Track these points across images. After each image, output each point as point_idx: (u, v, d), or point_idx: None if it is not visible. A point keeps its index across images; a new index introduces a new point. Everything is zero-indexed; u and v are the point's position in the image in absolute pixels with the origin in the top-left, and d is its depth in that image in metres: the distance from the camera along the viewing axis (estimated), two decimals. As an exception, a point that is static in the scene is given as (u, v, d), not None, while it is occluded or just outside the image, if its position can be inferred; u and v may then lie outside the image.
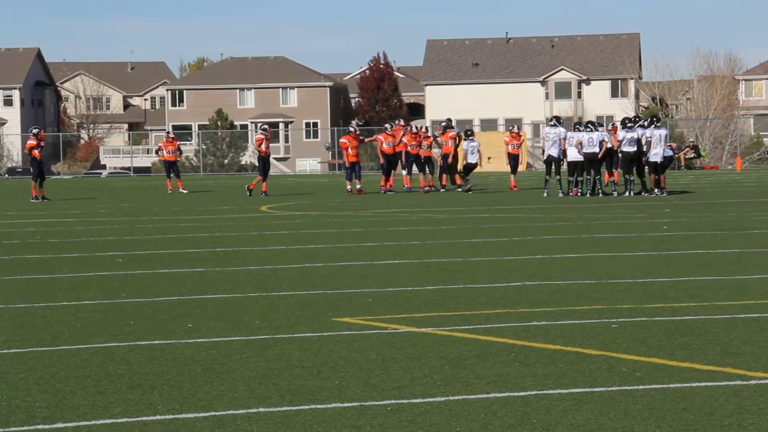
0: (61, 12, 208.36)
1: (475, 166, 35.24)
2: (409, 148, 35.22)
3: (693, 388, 7.14)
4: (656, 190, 30.13)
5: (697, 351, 8.30)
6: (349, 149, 34.35)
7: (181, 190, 38.84)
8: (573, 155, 30.91)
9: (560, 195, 30.87)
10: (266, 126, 36.11)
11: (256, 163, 36.83)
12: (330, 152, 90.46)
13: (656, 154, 30.05)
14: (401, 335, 9.23)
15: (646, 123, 30.94)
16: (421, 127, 39.97)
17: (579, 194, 30.56)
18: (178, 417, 6.64)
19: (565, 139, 31.33)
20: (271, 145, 36.16)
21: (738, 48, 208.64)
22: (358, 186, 34.45)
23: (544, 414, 6.55)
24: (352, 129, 35.50)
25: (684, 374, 7.53)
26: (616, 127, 32.41)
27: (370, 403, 6.91)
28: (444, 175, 35.77)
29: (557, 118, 33.03)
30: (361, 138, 35.97)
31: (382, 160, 35.57)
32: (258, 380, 7.58)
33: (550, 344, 8.64)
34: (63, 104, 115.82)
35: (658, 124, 30.81)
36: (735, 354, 8.18)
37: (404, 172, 36.25)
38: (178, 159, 40.43)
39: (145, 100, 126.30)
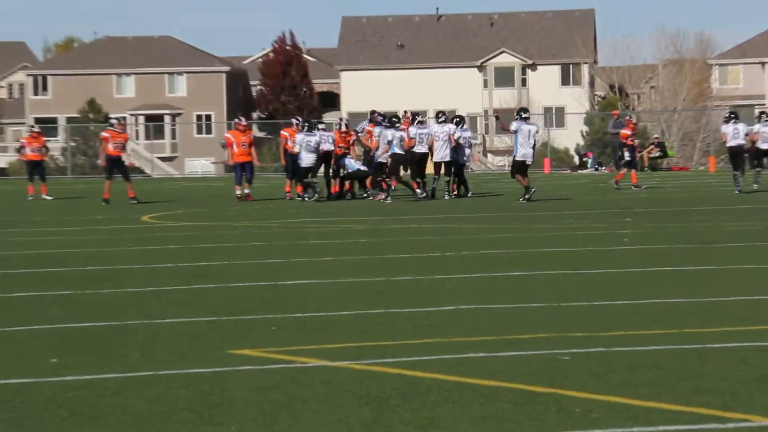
0: None
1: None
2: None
3: (659, 432, 7.19)
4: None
5: (665, 388, 8.36)
6: (235, 146, 34.60)
7: (44, 195, 38.57)
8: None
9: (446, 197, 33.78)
10: (115, 120, 35.68)
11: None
12: (226, 151, 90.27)
13: (525, 155, 31.62)
14: (311, 370, 9.21)
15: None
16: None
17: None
18: (39, 473, 6.56)
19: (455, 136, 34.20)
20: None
21: (710, 27, 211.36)
22: (247, 191, 34.56)
23: (482, 465, 6.55)
24: (237, 122, 35.88)
25: (649, 416, 7.58)
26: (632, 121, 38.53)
27: (273, 453, 6.88)
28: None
29: (444, 113, 35.58)
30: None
31: (284, 162, 35.66)
32: (137, 427, 7.52)
33: (490, 380, 8.66)
34: None
35: (525, 116, 31.89)
36: (709, 391, 8.25)
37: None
38: (44, 158, 40.21)
39: (2, 87, 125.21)
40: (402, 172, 33.75)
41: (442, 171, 34.21)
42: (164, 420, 7.69)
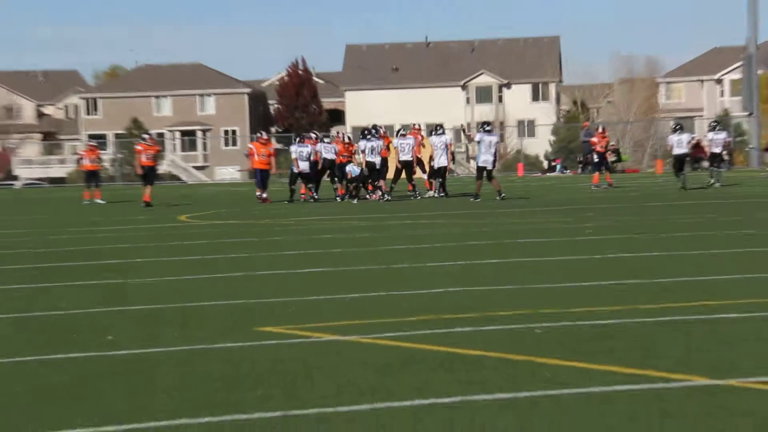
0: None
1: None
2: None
3: (616, 391, 7.25)
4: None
5: (620, 355, 8.42)
6: (255, 156, 35.47)
7: (98, 200, 38.67)
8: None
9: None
10: (147, 135, 36.71)
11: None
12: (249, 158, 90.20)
13: (485, 161, 31.78)
14: (325, 344, 9.26)
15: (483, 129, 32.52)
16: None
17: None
18: (98, 430, 6.61)
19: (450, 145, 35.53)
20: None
21: (658, 51, 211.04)
22: (264, 195, 35.27)
23: (468, 420, 6.61)
24: (259, 136, 36.63)
25: (606, 378, 7.64)
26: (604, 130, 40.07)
27: (294, 412, 6.93)
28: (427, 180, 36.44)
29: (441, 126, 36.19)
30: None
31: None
32: (179, 393, 7.57)
33: (474, 350, 8.72)
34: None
35: (487, 128, 31.99)
36: (657, 357, 8.31)
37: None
38: (100, 168, 40.50)
39: (60, 109, 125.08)
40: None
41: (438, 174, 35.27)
42: (201, 386, 7.74)
